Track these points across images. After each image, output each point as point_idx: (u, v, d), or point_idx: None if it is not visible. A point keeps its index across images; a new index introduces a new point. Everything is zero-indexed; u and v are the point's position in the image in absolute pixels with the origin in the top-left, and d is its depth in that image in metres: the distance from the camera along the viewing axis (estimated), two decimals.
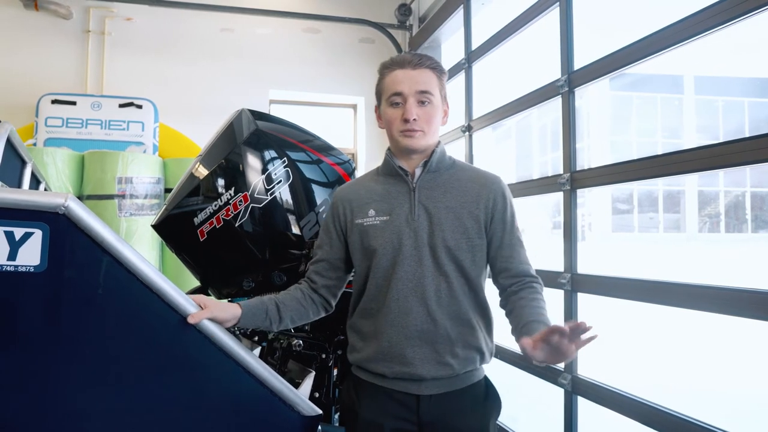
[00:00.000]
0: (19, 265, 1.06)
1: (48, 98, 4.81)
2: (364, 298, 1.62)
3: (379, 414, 1.56)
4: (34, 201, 1.05)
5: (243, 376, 1.38)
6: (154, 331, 1.25)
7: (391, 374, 1.55)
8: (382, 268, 1.58)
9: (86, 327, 1.16)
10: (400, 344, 1.53)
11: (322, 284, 1.69)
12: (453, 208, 1.58)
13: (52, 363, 1.15)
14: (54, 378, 1.15)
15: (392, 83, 1.60)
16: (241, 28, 5.68)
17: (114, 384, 1.22)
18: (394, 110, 1.60)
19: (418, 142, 1.59)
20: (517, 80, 6.76)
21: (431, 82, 1.59)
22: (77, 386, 1.19)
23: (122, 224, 4.21)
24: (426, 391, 1.54)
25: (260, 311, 1.57)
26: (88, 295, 1.14)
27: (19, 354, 1.12)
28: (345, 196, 1.70)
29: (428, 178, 1.62)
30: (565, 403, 2.91)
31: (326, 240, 1.70)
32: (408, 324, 1.53)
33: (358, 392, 1.62)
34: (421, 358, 1.53)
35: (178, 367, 1.31)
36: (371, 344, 1.58)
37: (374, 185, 1.68)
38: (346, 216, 1.66)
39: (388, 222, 1.59)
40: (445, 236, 1.55)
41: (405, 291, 1.54)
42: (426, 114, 1.59)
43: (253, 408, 1.44)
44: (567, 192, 2.99)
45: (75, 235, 1.08)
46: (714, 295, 2.17)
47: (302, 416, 1.55)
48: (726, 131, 28.27)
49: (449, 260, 1.55)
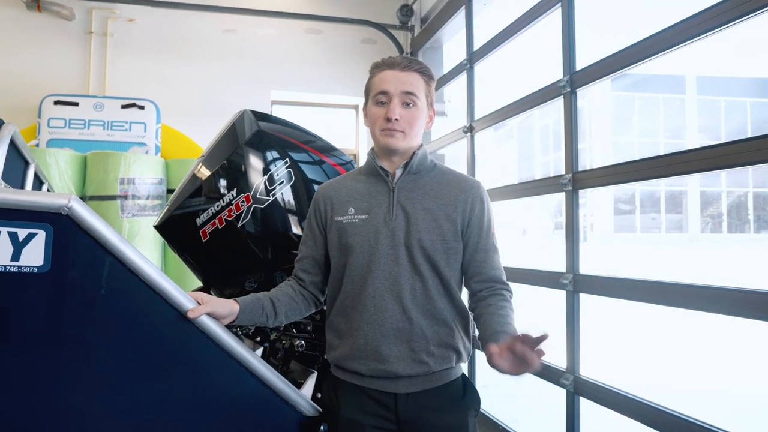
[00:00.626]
0: (23, 265, 1.06)
1: (51, 99, 4.82)
2: (341, 296, 1.64)
3: (359, 413, 1.57)
4: (37, 202, 1.06)
5: (246, 377, 1.38)
6: (157, 332, 1.26)
7: (368, 372, 1.56)
8: (358, 265, 1.59)
9: (89, 327, 1.17)
10: (376, 341, 1.55)
11: (309, 281, 1.72)
12: (430, 210, 1.60)
13: (55, 363, 1.15)
14: (57, 378, 1.15)
15: (379, 82, 1.63)
16: (243, 28, 5.69)
17: (117, 384, 1.23)
18: (379, 109, 1.62)
19: (397, 142, 1.61)
20: (518, 81, 6.75)
21: (418, 85, 1.62)
22: (81, 386, 1.19)
23: (125, 225, 4.22)
24: (403, 389, 1.55)
25: (257, 307, 1.58)
26: (91, 295, 1.14)
27: (23, 354, 1.13)
28: (326, 193, 1.72)
29: (408, 179, 1.64)
30: (567, 404, 2.90)
31: (309, 236, 1.73)
32: (384, 321, 1.55)
33: (337, 392, 1.63)
34: (397, 355, 1.54)
35: (180, 367, 1.31)
36: (347, 342, 1.59)
37: (355, 184, 1.70)
38: (326, 212, 1.68)
39: (366, 221, 1.61)
40: (421, 237, 1.57)
41: (381, 289, 1.56)
42: (409, 115, 1.61)
43: (255, 408, 1.44)
44: (569, 192, 2.99)
45: (78, 235, 1.09)
46: (715, 295, 2.17)
47: (304, 416, 1.56)
48: (728, 131, 28.23)
49: (424, 260, 1.57)
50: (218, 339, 1.32)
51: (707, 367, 7.32)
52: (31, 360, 1.13)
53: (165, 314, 1.24)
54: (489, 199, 1.69)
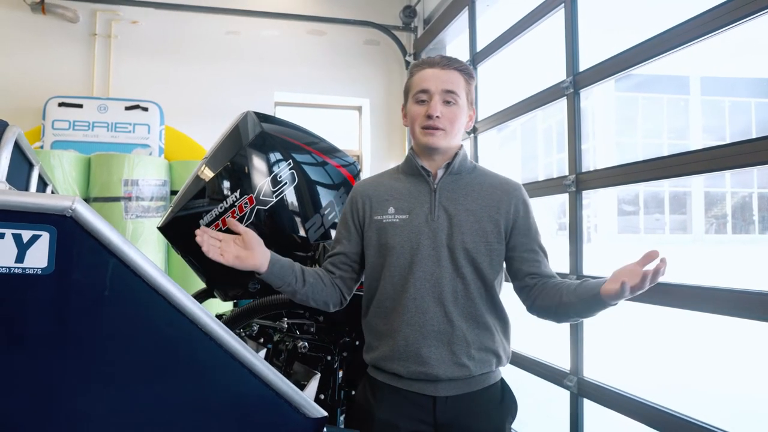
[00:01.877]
0: (27, 267, 1.06)
1: (55, 101, 4.83)
2: (378, 296, 1.61)
3: (396, 415, 1.55)
4: (41, 203, 1.06)
5: (248, 378, 1.38)
6: (160, 333, 1.26)
7: (407, 374, 1.54)
8: (398, 266, 1.57)
9: (93, 329, 1.17)
10: (417, 343, 1.53)
11: (338, 275, 1.69)
12: (473, 211, 1.58)
13: (59, 364, 1.15)
14: (61, 379, 1.16)
15: (420, 80, 1.61)
16: (247, 30, 5.70)
17: (120, 386, 1.23)
18: (419, 107, 1.60)
19: (438, 140, 1.58)
20: (522, 82, 6.76)
21: (458, 84, 1.59)
22: (84, 388, 1.19)
23: (128, 226, 4.23)
24: (442, 392, 1.53)
25: (288, 265, 1.56)
26: (95, 297, 1.14)
27: (28, 355, 1.13)
28: (364, 191, 1.69)
29: (450, 180, 1.62)
30: (570, 405, 2.90)
31: (344, 234, 1.70)
32: (425, 323, 1.53)
33: (374, 393, 1.61)
34: (437, 358, 1.52)
35: (183, 369, 1.31)
36: (387, 343, 1.58)
37: (395, 183, 1.67)
38: (365, 211, 1.65)
39: (407, 221, 1.58)
40: (464, 238, 1.55)
41: (422, 291, 1.54)
42: (450, 113, 1.58)
43: (258, 410, 1.44)
44: (572, 193, 2.98)
45: (82, 237, 1.09)
46: (719, 296, 2.16)
47: (308, 418, 1.56)
48: (732, 132, 28.13)
49: (467, 262, 1.55)
50: (222, 340, 1.32)
51: (710, 369, 7.30)
52: (35, 361, 1.14)
53: (168, 316, 1.24)
54: (530, 201, 1.68)
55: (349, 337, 2.03)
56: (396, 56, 5.93)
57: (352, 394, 2.07)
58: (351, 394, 2.07)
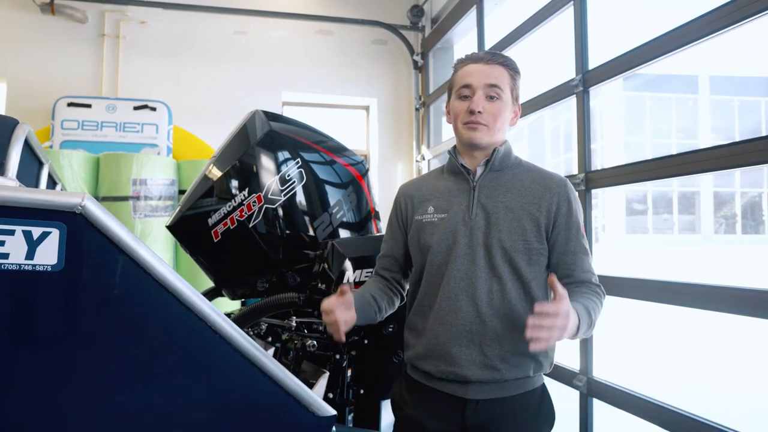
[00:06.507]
0: (37, 264, 1.06)
1: (64, 101, 4.86)
2: (419, 295, 1.61)
3: (424, 414, 1.54)
4: (51, 200, 1.06)
5: (258, 376, 1.38)
6: (170, 331, 1.26)
7: (438, 373, 1.52)
8: (435, 265, 1.55)
9: (102, 326, 1.17)
10: (448, 342, 1.50)
11: (390, 278, 1.71)
12: (512, 209, 1.52)
13: (68, 361, 1.15)
14: (70, 376, 1.16)
15: (463, 76, 1.58)
16: (254, 30, 5.71)
17: (129, 383, 1.23)
18: (462, 102, 1.57)
19: (481, 136, 1.54)
20: (530, 80, 6.75)
21: (502, 78, 1.55)
22: (93, 385, 1.19)
23: (137, 225, 4.24)
24: (473, 395, 1.49)
25: (367, 304, 1.58)
26: (104, 294, 1.15)
27: (37, 352, 1.13)
28: (407, 191, 1.69)
29: (490, 177, 1.57)
30: (580, 406, 2.89)
31: (390, 235, 1.71)
32: (456, 322, 1.50)
33: (408, 391, 1.61)
34: (468, 358, 1.48)
35: (192, 367, 1.32)
36: (422, 341, 1.56)
37: (436, 182, 1.65)
38: (407, 211, 1.65)
39: (445, 219, 1.56)
40: (501, 237, 1.50)
41: (456, 289, 1.51)
42: (494, 108, 1.54)
43: (267, 408, 1.44)
44: (582, 192, 2.97)
45: (91, 234, 1.09)
46: (728, 295, 2.15)
47: (317, 416, 1.55)
48: (742, 131, 27.94)
49: (504, 261, 1.50)
50: (231, 339, 1.32)
51: (721, 368, 7.25)
52: (44, 358, 1.14)
53: (178, 314, 1.24)
54: (577, 198, 1.60)
55: (358, 336, 2.03)
56: (404, 56, 5.93)
57: (361, 392, 2.07)
58: (359, 393, 2.07)
